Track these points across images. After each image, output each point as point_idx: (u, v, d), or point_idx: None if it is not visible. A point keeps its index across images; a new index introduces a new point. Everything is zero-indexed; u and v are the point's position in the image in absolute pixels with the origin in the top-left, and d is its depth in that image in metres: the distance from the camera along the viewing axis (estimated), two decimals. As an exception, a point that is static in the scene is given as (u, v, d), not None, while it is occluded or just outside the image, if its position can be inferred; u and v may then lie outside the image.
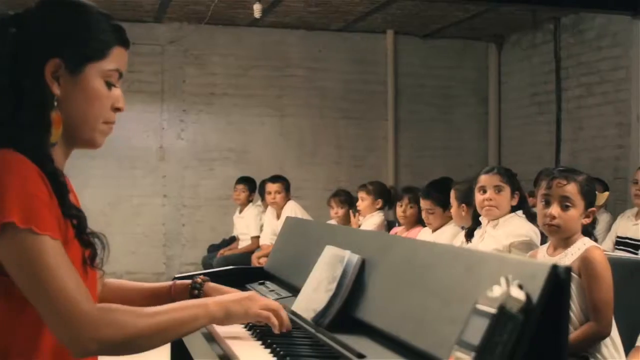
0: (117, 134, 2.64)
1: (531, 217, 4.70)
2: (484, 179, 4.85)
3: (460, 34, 11.45)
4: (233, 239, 9.54)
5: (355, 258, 2.49)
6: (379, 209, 7.39)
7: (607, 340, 3.48)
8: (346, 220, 8.00)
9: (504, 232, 4.77)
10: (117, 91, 2.09)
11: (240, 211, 9.36)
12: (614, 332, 3.50)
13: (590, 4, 8.65)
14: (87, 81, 2.02)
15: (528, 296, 1.54)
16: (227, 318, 2.21)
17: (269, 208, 8.96)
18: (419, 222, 6.40)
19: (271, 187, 8.77)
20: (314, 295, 2.60)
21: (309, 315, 2.53)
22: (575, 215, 3.52)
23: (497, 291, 1.57)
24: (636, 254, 6.14)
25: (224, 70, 11.05)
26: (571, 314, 3.46)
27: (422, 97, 11.59)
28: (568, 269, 1.54)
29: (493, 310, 1.54)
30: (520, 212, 4.82)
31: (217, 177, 10.86)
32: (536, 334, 1.53)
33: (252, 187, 9.41)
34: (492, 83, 11.81)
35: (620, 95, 9.14)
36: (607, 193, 4.04)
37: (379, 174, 11.00)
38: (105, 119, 2.07)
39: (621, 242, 6.65)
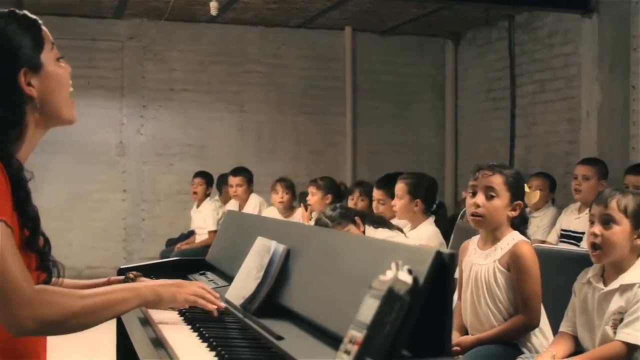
0: (77, 130, 2.78)
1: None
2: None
3: (418, 31, 11.59)
4: (191, 233, 9.61)
5: (281, 248, 2.64)
6: (329, 203, 7.50)
7: (537, 330, 3.64)
8: (289, 208, 8.08)
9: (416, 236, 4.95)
10: (62, 62, 2.33)
11: (198, 205, 9.44)
12: (544, 322, 3.66)
13: (542, 2, 8.83)
14: (48, 69, 2.25)
15: (415, 279, 1.68)
16: (157, 301, 2.38)
17: (232, 201, 9.05)
18: (371, 215, 6.52)
19: (232, 180, 8.86)
20: (244, 283, 2.75)
21: (238, 301, 2.68)
22: (500, 206, 3.63)
23: (388, 275, 1.72)
24: (578, 245, 6.31)
25: (184, 66, 11.13)
26: (501, 306, 3.61)
27: (380, 92, 11.72)
28: (452, 255, 1.69)
29: (383, 292, 1.69)
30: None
31: (177, 172, 10.94)
32: (424, 311, 1.68)
33: (209, 182, 9.51)
34: (449, 79, 11.97)
35: (571, 91, 9.31)
36: (538, 192, 4.18)
37: (337, 169, 11.15)
38: (69, 89, 2.32)
39: (565, 235, 6.82)
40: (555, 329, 3.60)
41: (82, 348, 6.30)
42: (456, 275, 4.07)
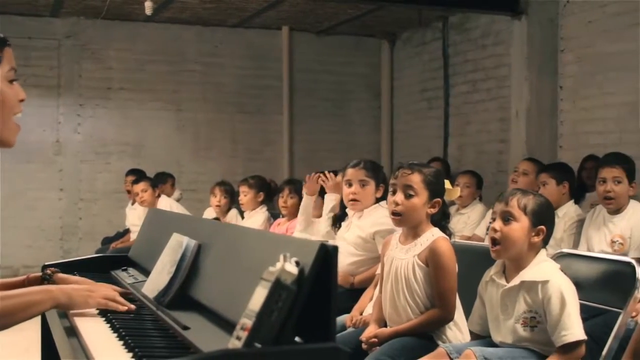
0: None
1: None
2: (350, 173, 5.09)
3: (354, 31, 11.74)
4: (127, 231, 9.63)
5: (193, 243, 2.75)
6: (261, 202, 7.61)
7: (452, 324, 3.76)
8: (226, 211, 8.15)
9: (369, 221, 5.04)
10: (17, 85, 2.36)
11: (133, 203, 9.47)
12: (459, 316, 3.78)
13: (473, 4, 8.99)
14: None
15: (302, 270, 1.80)
16: (69, 304, 2.52)
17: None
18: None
19: (137, 187, 8.80)
20: (158, 278, 2.86)
21: (153, 295, 2.79)
22: (418, 204, 3.74)
23: (277, 266, 1.84)
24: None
25: (121, 65, 11.15)
26: (418, 300, 3.73)
27: (316, 92, 11.87)
28: (335, 248, 1.81)
29: (271, 282, 1.81)
30: (384, 203, 5.03)
31: (114, 170, 10.96)
32: (310, 300, 1.80)
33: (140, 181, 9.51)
34: (384, 79, 12.15)
35: (502, 91, 9.51)
36: (458, 188, 4.35)
37: (274, 168, 11.27)
38: (15, 112, 2.37)
39: (491, 230, 6.97)
40: (470, 323, 3.74)
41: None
42: (378, 271, 4.23)
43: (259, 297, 1.82)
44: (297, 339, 1.89)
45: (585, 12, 8.32)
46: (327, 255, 1.82)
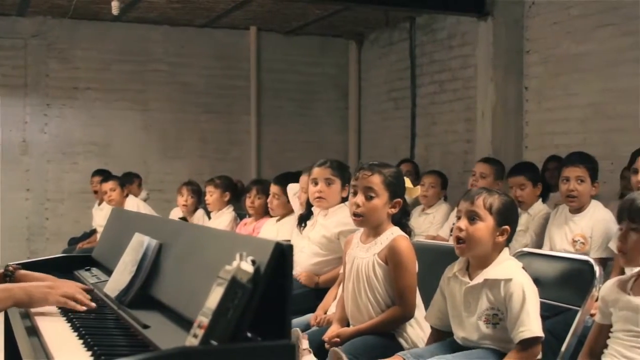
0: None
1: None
2: (316, 172, 5.13)
3: (321, 31, 11.77)
4: (93, 232, 9.61)
5: (154, 243, 2.77)
6: (227, 202, 7.62)
7: (412, 321, 3.80)
8: (193, 211, 8.15)
9: (333, 221, 5.08)
10: None
11: (99, 204, 9.44)
12: (420, 313, 3.82)
13: (440, 5, 9.04)
14: None
15: (257, 269, 1.83)
16: (29, 302, 2.53)
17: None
18: (266, 213, 6.66)
19: (105, 186, 8.81)
20: (120, 277, 2.88)
21: (114, 294, 2.80)
22: (379, 205, 3.78)
23: (233, 265, 1.87)
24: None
25: (88, 65, 11.10)
26: (379, 298, 3.77)
27: (284, 92, 11.87)
28: (290, 246, 1.84)
29: (227, 281, 1.83)
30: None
31: (81, 170, 10.90)
32: (266, 298, 1.83)
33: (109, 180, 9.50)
34: (352, 79, 12.17)
35: (468, 92, 9.56)
36: (418, 187, 4.40)
37: (242, 168, 11.28)
38: None
39: (456, 229, 7.02)
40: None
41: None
42: (342, 270, 4.26)
43: (215, 295, 1.85)
44: (253, 336, 1.92)
45: (550, 13, 8.39)
46: (282, 254, 1.85)
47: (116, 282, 2.87)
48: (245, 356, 1.84)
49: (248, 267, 1.82)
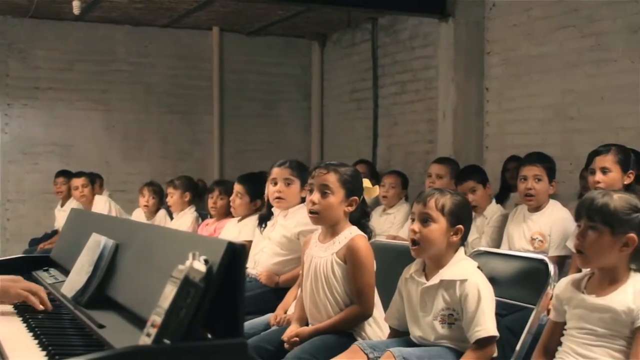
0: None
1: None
2: (275, 172, 5.15)
3: (284, 32, 11.78)
4: (55, 233, 9.55)
5: (111, 243, 2.77)
6: (189, 202, 7.62)
7: (371, 320, 3.83)
8: (154, 212, 8.14)
9: (293, 221, 5.10)
10: None
11: (62, 204, 9.41)
12: (378, 312, 3.85)
13: (402, 6, 9.08)
14: None
15: (210, 268, 1.85)
16: None
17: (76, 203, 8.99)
18: (229, 213, 6.67)
19: (77, 181, 8.80)
20: (77, 277, 2.88)
21: (71, 294, 2.81)
22: (334, 202, 3.81)
23: (186, 264, 1.88)
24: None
25: (49, 65, 11.03)
26: (337, 297, 3.80)
27: (247, 92, 11.87)
28: (243, 245, 1.86)
29: (180, 280, 1.85)
30: (308, 202, 5.12)
31: (42, 171, 10.83)
32: (219, 297, 1.85)
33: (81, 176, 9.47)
34: (315, 80, 12.20)
35: (430, 92, 9.61)
36: (377, 187, 4.42)
37: (204, 168, 11.28)
38: None
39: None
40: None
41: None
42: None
43: (168, 294, 1.87)
44: (206, 335, 1.94)
45: (511, 15, 8.46)
46: (235, 253, 1.87)
47: (73, 283, 2.88)
48: (198, 354, 1.86)
49: (201, 266, 1.84)
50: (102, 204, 8.64)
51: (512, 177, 7.25)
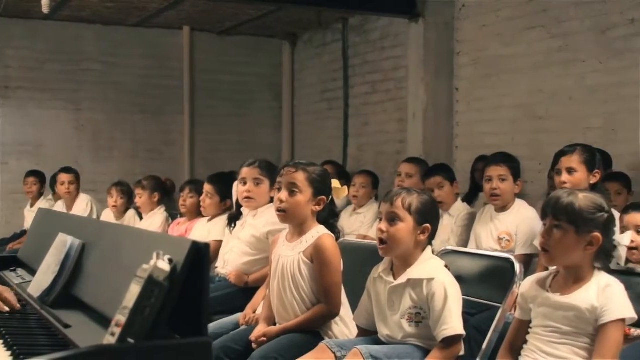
0: None
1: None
2: (244, 172, 5.17)
3: (255, 32, 11.77)
4: (24, 233, 9.51)
5: (77, 242, 2.78)
6: (158, 202, 7.61)
7: (338, 319, 3.86)
8: (123, 212, 8.13)
9: (262, 221, 5.12)
10: None
11: (32, 205, 9.37)
12: (345, 311, 3.88)
13: (372, 6, 9.10)
14: None
15: (174, 267, 1.86)
16: None
17: (60, 201, 9.00)
18: (200, 213, 6.66)
19: (64, 177, 8.79)
20: (43, 277, 2.89)
21: (37, 294, 2.81)
22: (302, 201, 3.84)
23: (150, 264, 1.89)
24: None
25: (19, 64, 10.96)
26: (304, 296, 3.82)
27: (218, 92, 11.85)
28: (207, 245, 1.87)
29: (144, 279, 1.86)
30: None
31: (12, 171, 10.75)
32: (184, 293, 1.86)
33: (43, 180, 9.46)
34: (285, 79, 12.21)
35: (400, 92, 9.63)
36: (345, 187, 4.45)
37: (175, 168, 11.26)
38: None
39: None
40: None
41: None
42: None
43: (132, 293, 1.88)
44: (170, 334, 1.95)
45: (480, 16, 8.51)
46: (199, 252, 1.88)
47: (39, 282, 2.88)
48: (163, 353, 1.87)
49: (165, 265, 1.86)
50: (84, 204, 8.62)
51: (481, 177, 7.26)
